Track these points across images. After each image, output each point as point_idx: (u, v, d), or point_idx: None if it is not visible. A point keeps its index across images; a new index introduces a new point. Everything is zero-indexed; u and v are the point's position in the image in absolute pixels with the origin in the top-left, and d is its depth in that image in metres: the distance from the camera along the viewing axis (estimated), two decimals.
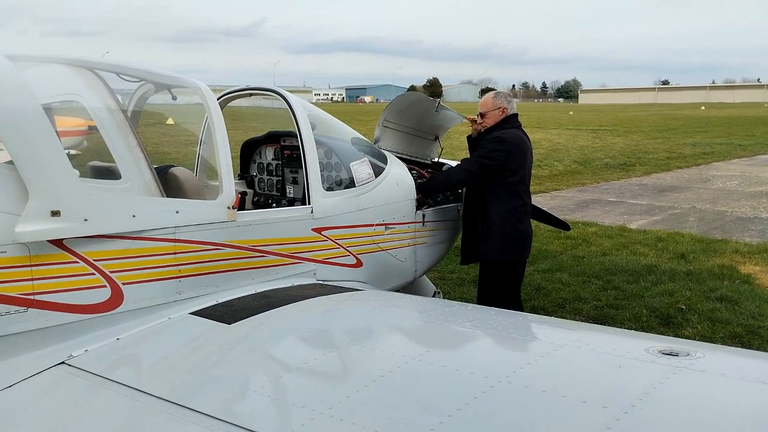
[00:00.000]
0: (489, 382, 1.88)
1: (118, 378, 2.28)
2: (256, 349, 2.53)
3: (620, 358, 2.03)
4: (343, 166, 3.87)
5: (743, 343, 4.99)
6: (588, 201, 12.06)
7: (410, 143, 4.80)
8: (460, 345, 2.48)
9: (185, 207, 2.83)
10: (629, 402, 1.68)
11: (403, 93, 5.17)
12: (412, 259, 4.27)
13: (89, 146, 3.12)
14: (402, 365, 2.09)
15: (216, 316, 2.71)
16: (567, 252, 7.81)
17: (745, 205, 11.43)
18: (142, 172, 2.76)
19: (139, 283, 2.65)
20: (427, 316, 2.96)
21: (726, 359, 2.18)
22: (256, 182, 4.55)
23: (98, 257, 2.54)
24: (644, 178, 15.40)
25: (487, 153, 4.18)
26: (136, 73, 3.24)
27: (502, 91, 4.58)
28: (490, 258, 4.30)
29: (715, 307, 5.69)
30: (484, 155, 4.19)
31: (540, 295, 6.17)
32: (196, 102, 3.12)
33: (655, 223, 9.85)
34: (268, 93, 3.95)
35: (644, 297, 6.05)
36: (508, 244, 4.26)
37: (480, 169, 4.19)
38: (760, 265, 7.14)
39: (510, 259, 4.32)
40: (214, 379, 2.24)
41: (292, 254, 3.30)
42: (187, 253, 2.80)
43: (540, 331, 2.67)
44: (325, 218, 3.47)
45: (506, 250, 4.27)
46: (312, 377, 2.15)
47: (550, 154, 19.99)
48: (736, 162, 18.88)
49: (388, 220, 3.98)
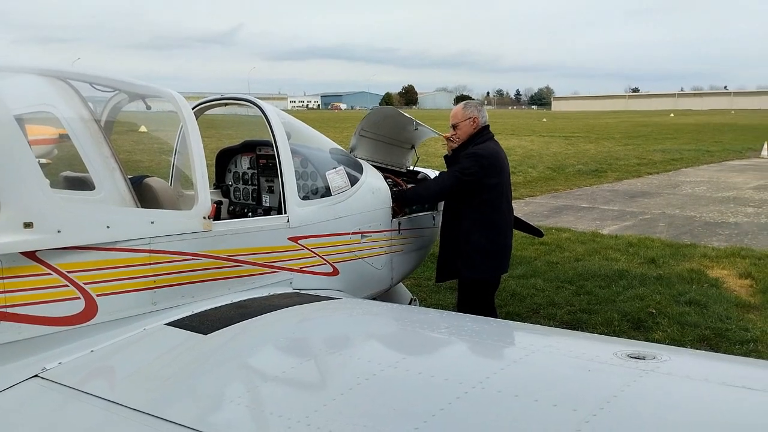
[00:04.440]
0: (463, 387, 1.92)
1: (92, 390, 2.26)
2: (232, 359, 2.53)
3: (590, 362, 2.08)
4: (319, 175, 3.89)
5: (711, 345, 5.12)
6: (561, 207, 12.24)
7: (386, 152, 4.85)
8: (435, 352, 2.51)
9: (160, 217, 2.82)
10: (598, 405, 1.73)
11: (381, 107, 5.21)
12: (388, 267, 4.30)
13: (63, 156, 3.09)
14: (378, 373, 2.11)
15: (192, 326, 2.70)
16: (541, 258, 7.92)
17: (713, 210, 11.72)
18: (117, 182, 2.75)
19: (113, 294, 2.63)
20: (402, 323, 2.99)
21: (691, 362, 2.25)
22: (232, 191, 4.54)
23: (72, 269, 2.51)
24: (616, 184, 15.69)
25: (464, 168, 4.20)
26: (109, 82, 3.22)
27: (472, 101, 4.63)
28: (472, 277, 4.31)
29: (684, 311, 5.83)
30: (461, 170, 4.21)
31: (515, 300, 6.25)
32: (171, 111, 3.11)
33: (626, 229, 10.04)
34: (244, 102, 3.95)
35: (616, 301, 6.17)
36: (489, 261, 4.29)
37: (456, 183, 4.22)
38: (728, 269, 7.34)
39: (490, 276, 4.37)
40: (190, 390, 2.23)
41: (268, 263, 3.31)
42: (163, 264, 2.79)
43: (513, 337, 2.72)
44: (301, 227, 3.49)
45: (487, 267, 4.31)
46: (288, 386, 2.16)
47: (524, 160, 20.25)
48: (705, 168, 19.37)
49: (364, 229, 4.01)
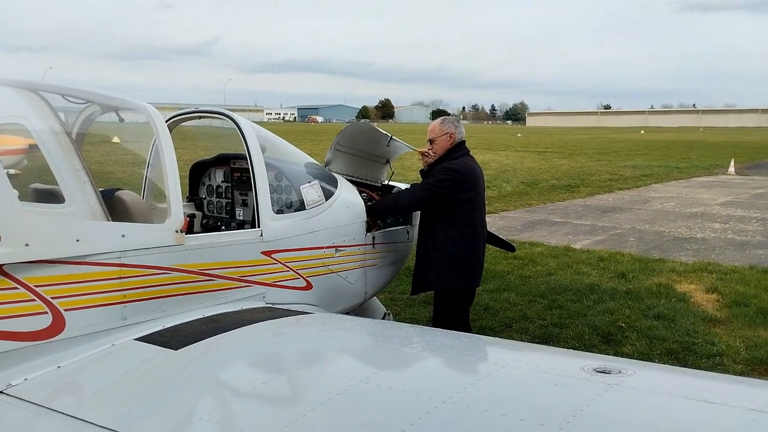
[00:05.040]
0: (433, 402, 1.93)
1: (59, 407, 2.22)
2: (202, 375, 2.51)
3: (557, 376, 2.12)
4: (293, 189, 3.90)
5: (679, 359, 5.22)
6: (535, 221, 12.40)
7: (361, 166, 4.88)
8: (406, 367, 2.53)
9: (131, 231, 2.80)
10: (564, 419, 1.76)
11: (357, 122, 5.26)
12: (362, 281, 4.31)
13: (32, 169, 3.05)
14: (349, 388, 2.12)
15: (162, 341, 2.68)
16: (514, 272, 8.01)
17: (682, 226, 11.98)
18: (87, 195, 2.72)
19: (82, 309, 2.59)
20: (374, 338, 3.00)
21: (655, 376, 2.30)
22: (206, 204, 4.52)
23: (39, 283, 2.48)
24: (588, 199, 15.95)
25: (436, 181, 4.25)
26: (81, 94, 3.20)
27: (450, 117, 4.69)
28: (444, 288, 4.36)
29: (653, 325, 5.94)
30: (433, 183, 4.26)
31: (488, 315, 6.30)
32: (144, 123, 3.10)
33: (597, 243, 10.21)
34: (218, 116, 3.95)
35: (587, 315, 6.26)
36: (461, 274, 4.33)
37: (427, 195, 4.26)
38: (695, 284, 7.50)
39: (464, 288, 4.42)
40: (159, 407, 2.21)
41: (241, 278, 3.30)
42: (133, 278, 2.76)
43: (483, 351, 2.75)
44: (275, 241, 3.49)
45: (460, 279, 4.35)
46: (259, 402, 2.15)
47: (498, 175, 20.49)
48: (674, 184, 19.80)
49: (338, 243, 4.02)
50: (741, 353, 5.28)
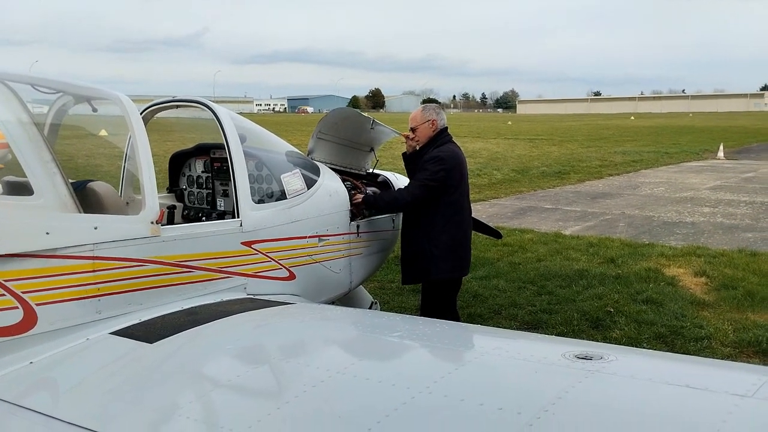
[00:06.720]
0: (410, 393, 1.89)
1: (31, 405, 2.17)
2: (178, 369, 2.46)
3: (537, 363, 2.09)
4: (274, 178, 3.83)
5: (667, 343, 5.22)
6: (525, 208, 12.38)
7: (345, 155, 4.81)
8: (385, 357, 2.49)
9: (104, 223, 2.73)
10: (542, 407, 1.73)
11: (338, 108, 5.18)
12: (347, 271, 4.26)
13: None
14: (326, 379, 2.08)
15: (137, 335, 2.62)
16: (504, 259, 7.99)
17: (671, 210, 12.01)
18: (57, 187, 2.64)
19: (54, 303, 2.53)
20: (355, 328, 2.96)
21: (637, 362, 2.27)
22: (186, 195, 4.45)
23: (9, 277, 2.41)
24: (578, 185, 15.96)
25: (431, 175, 4.23)
26: (52, 84, 3.12)
27: (430, 104, 4.65)
28: (441, 277, 4.35)
29: (641, 309, 5.94)
30: (428, 178, 4.24)
31: (477, 302, 6.28)
32: (119, 114, 3.02)
33: (587, 229, 10.21)
34: (195, 105, 3.87)
35: (576, 301, 6.25)
36: (456, 261, 4.36)
37: (426, 192, 4.26)
38: (684, 268, 7.51)
39: (458, 275, 4.45)
40: (135, 402, 2.16)
41: (220, 269, 3.24)
42: (107, 271, 2.70)
43: (464, 340, 2.71)
44: (255, 231, 3.43)
45: (454, 267, 4.38)
46: (235, 395, 2.11)
47: (489, 162, 20.46)
48: (663, 169, 19.85)
49: (322, 232, 3.97)
50: (729, 336, 5.28)
